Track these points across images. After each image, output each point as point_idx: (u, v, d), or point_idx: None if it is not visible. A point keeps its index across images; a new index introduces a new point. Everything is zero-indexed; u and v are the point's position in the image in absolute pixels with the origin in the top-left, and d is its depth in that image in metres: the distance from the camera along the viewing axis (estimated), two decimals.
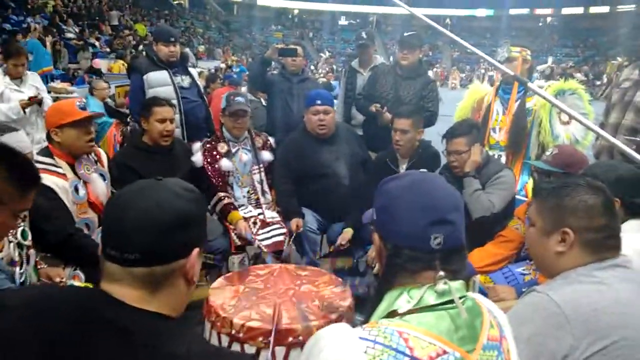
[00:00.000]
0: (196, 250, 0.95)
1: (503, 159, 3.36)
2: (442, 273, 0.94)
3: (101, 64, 10.85)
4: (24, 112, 3.77)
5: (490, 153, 3.29)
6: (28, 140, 1.96)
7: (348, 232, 2.98)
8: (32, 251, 1.87)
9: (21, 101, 3.77)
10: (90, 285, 1.98)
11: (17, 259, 1.74)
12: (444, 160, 2.94)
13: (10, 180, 1.35)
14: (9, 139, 1.82)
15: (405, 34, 3.68)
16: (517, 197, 2.90)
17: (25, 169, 1.43)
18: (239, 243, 2.90)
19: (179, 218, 0.91)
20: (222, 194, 3.03)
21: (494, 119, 3.43)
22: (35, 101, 3.80)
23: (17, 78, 3.94)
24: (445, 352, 0.88)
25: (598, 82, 20.04)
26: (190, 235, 0.94)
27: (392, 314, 0.95)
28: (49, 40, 10.01)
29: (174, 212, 0.91)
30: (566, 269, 1.28)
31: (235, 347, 1.68)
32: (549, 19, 41.48)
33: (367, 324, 0.94)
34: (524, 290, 1.44)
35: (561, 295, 1.20)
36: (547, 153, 2.36)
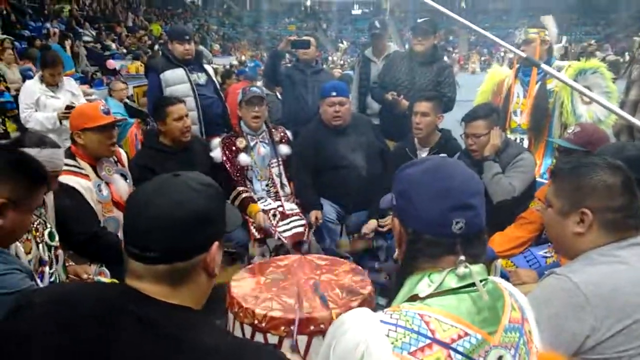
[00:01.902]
0: (216, 244, 0.96)
1: (525, 142, 3.31)
2: (462, 257, 0.94)
3: (116, 65, 10.91)
4: (61, 123, 3.79)
5: (512, 136, 3.26)
6: (63, 160, 2.00)
7: (372, 223, 2.99)
8: (60, 251, 1.92)
9: (59, 112, 3.81)
10: (116, 281, 2.03)
11: (46, 258, 1.79)
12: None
13: (23, 182, 1.41)
14: (49, 154, 1.83)
15: (419, 20, 3.64)
16: (540, 179, 2.86)
17: (35, 167, 1.48)
18: (258, 236, 2.94)
19: (197, 215, 0.92)
20: (240, 188, 3.07)
21: (514, 102, 3.39)
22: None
23: (52, 85, 4.02)
24: (466, 334, 0.88)
25: (620, 59, 19.38)
26: (209, 230, 0.95)
27: (413, 298, 0.96)
28: (67, 44, 10.19)
29: (193, 210, 0.91)
30: (585, 250, 1.26)
31: (258, 336, 1.70)
32: None
33: (388, 308, 0.95)
34: (545, 273, 1.43)
35: (581, 277, 1.19)
36: (569, 131, 2.33)
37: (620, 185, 1.26)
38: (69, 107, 3.78)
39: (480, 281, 0.94)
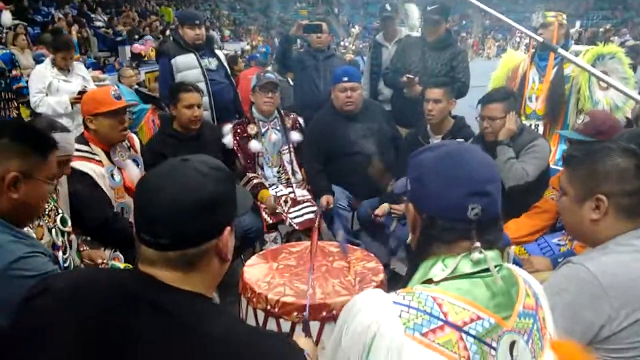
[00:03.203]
0: (228, 229, 0.95)
1: (540, 129, 3.26)
2: (478, 244, 0.92)
3: (141, 49, 10.84)
4: (72, 107, 3.88)
5: (527, 122, 3.21)
6: (74, 144, 2.02)
7: (385, 206, 2.97)
8: (73, 237, 1.93)
9: (71, 97, 3.87)
10: (130, 266, 2.05)
11: (59, 243, 1.80)
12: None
13: (30, 153, 1.39)
14: (59, 138, 1.81)
15: (428, 8, 3.56)
16: (555, 167, 2.82)
17: (39, 137, 1.46)
18: (270, 221, 2.94)
19: (208, 200, 0.90)
20: (251, 174, 3.07)
21: (530, 88, 3.33)
22: None
23: (64, 69, 4.07)
24: (479, 318, 0.88)
25: (639, 44, 18.84)
26: (220, 215, 0.93)
27: (427, 283, 0.95)
28: (74, 29, 10.20)
29: (202, 195, 0.90)
30: (602, 236, 1.25)
31: (271, 322, 1.71)
32: None
33: (401, 289, 0.94)
34: (559, 261, 1.41)
35: (598, 266, 1.18)
36: (579, 121, 2.28)
37: (634, 168, 1.23)
38: (81, 93, 3.82)
39: (495, 267, 0.93)
